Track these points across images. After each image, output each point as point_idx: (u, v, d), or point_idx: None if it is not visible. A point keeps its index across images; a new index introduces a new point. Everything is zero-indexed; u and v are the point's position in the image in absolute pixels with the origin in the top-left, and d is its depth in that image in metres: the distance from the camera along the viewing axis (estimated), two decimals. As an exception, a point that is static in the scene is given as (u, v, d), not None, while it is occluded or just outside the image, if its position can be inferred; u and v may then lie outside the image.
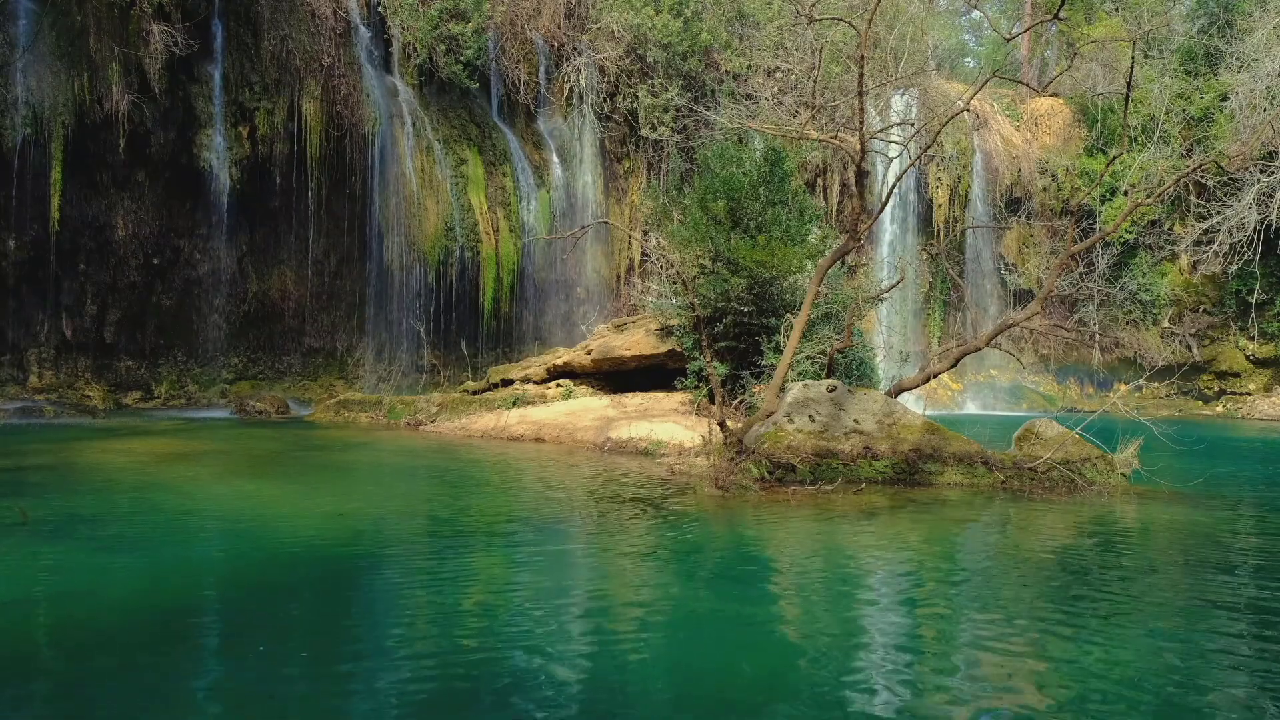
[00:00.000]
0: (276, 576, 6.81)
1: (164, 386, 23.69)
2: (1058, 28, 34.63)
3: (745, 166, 18.13)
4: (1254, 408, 28.28)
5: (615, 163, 28.37)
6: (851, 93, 15.86)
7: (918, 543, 8.33)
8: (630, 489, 11.03)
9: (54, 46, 20.65)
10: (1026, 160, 30.56)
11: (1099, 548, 8.31)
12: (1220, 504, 10.68)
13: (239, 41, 22.78)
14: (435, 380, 25.28)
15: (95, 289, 22.66)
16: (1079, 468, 11.37)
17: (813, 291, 12.13)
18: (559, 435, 16.60)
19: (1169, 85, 27.87)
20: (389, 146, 24.41)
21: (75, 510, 8.93)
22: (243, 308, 24.46)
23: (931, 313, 31.11)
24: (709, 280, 17.28)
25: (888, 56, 26.75)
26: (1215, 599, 6.47)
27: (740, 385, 16.60)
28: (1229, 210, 25.98)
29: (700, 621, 5.84)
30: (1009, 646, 5.33)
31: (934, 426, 12.17)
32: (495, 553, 7.84)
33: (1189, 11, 31.14)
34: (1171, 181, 14.60)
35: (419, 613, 5.89)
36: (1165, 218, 29.38)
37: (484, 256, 25.40)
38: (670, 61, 26.99)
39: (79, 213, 21.84)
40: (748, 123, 19.17)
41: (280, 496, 10.43)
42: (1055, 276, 13.16)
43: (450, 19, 25.14)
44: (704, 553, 8.01)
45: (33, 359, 22.17)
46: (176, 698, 4.48)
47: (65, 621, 5.63)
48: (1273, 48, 26.42)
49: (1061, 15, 24.44)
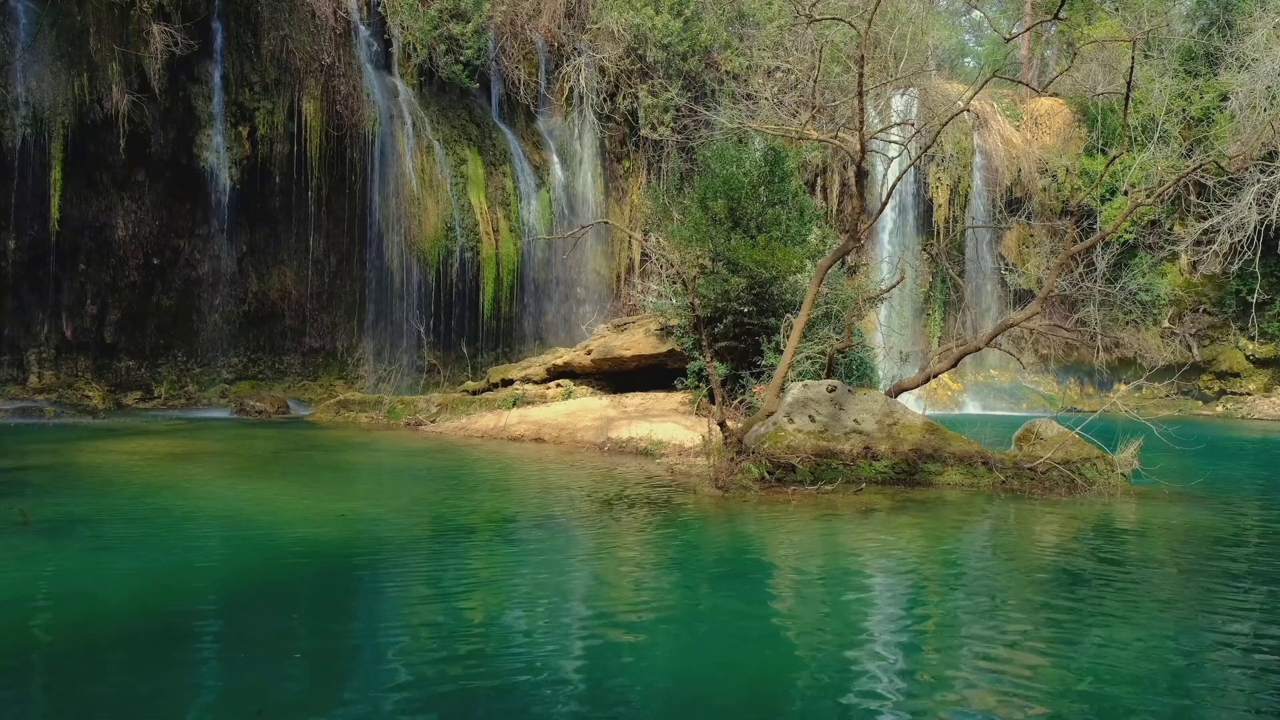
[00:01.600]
0: (276, 577, 6.81)
1: (164, 386, 23.68)
2: (1058, 28, 34.62)
3: (745, 166, 18.12)
4: (1254, 408, 28.27)
5: (615, 163, 28.36)
6: (851, 93, 15.86)
7: (918, 543, 8.33)
8: (630, 489, 11.03)
9: (54, 46, 20.64)
10: (1026, 160, 30.54)
11: (1099, 548, 8.30)
12: (1220, 504, 10.68)
13: (239, 41, 22.77)
14: (435, 380, 25.27)
15: (95, 289, 22.65)
16: (1079, 468, 11.37)
17: (813, 291, 12.14)
18: (559, 435, 16.60)
19: (1169, 85, 27.86)
20: (389, 146, 24.41)
21: (75, 511, 8.93)
22: (243, 308, 24.46)
23: (931, 313, 31.11)
24: (709, 280, 17.28)
25: (888, 56, 26.77)
26: (1215, 599, 6.47)
27: (740, 385, 16.60)
28: (1229, 210, 25.99)
29: (700, 621, 5.84)
30: (1009, 646, 5.33)
31: (934, 426, 12.17)
32: (495, 553, 7.84)
33: (1189, 11, 31.14)
34: (1171, 181, 14.61)
35: (419, 613, 5.89)
36: (1165, 218, 29.37)
37: (484, 256, 25.39)
38: (670, 61, 26.99)
39: (79, 213, 21.82)
40: (748, 123, 19.18)
41: (280, 497, 10.42)
42: (1055, 276, 13.16)
43: (450, 19, 25.13)
44: (704, 553, 8.01)
45: (33, 359, 22.16)
46: (176, 698, 4.48)
47: (65, 622, 5.63)
48: (1273, 48, 26.42)
49: (1061, 15, 24.40)
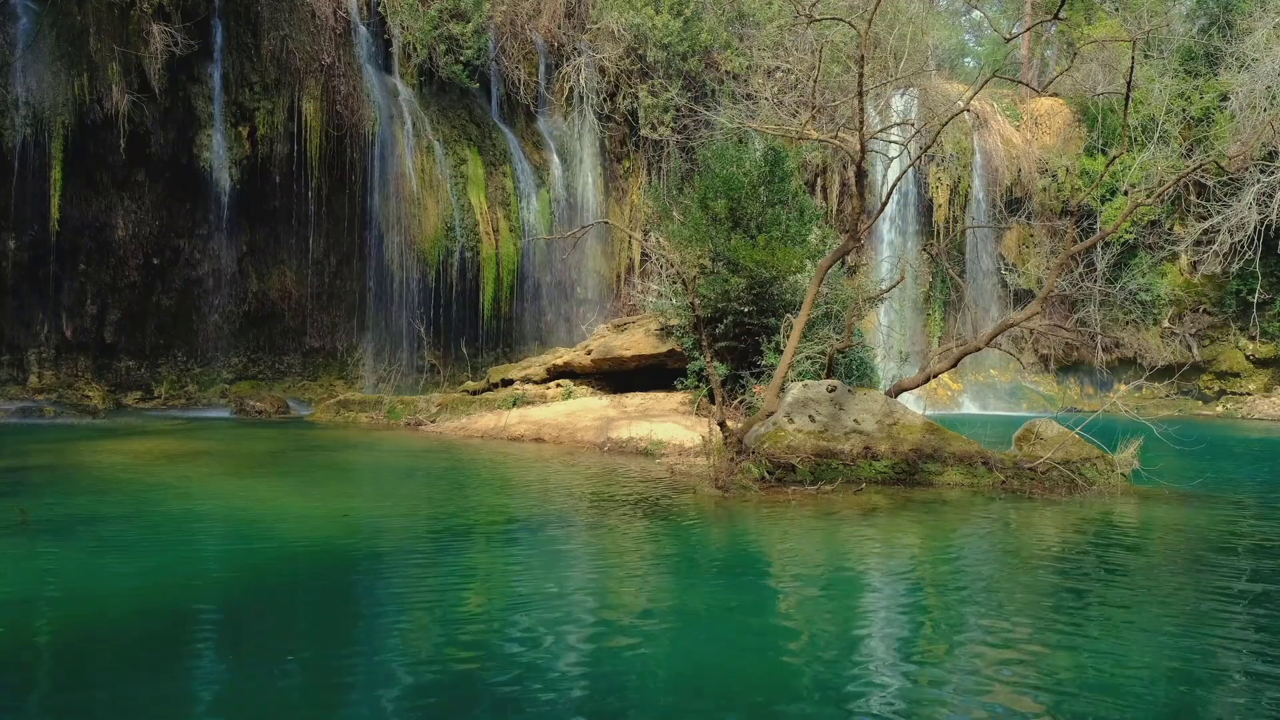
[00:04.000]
0: (276, 577, 6.81)
1: (164, 386, 23.68)
2: (1058, 28, 34.62)
3: (745, 166, 18.12)
4: (1254, 408, 28.27)
5: (615, 163, 28.36)
6: (851, 93, 15.86)
7: (918, 543, 8.33)
8: (630, 489, 11.03)
9: (54, 46, 20.64)
10: (1026, 160, 30.54)
11: (1099, 548, 8.30)
12: (1220, 504, 10.67)
13: (239, 41, 22.77)
14: (435, 380, 25.27)
15: (95, 289, 22.66)
16: (1079, 468, 11.37)
17: (813, 291, 12.14)
18: (559, 435, 16.60)
19: (1169, 85, 27.86)
20: (389, 146, 24.40)
21: (75, 510, 8.93)
22: (243, 308, 24.46)
23: (931, 313, 31.11)
24: (709, 280, 17.28)
25: (888, 56, 26.76)
26: (1215, 599, 6.47)
27: (740, 385, 16.60)
28: (1229, 210, 25.98)
29: (700, 621, 5.84)
30: (1009, 646, 5.33)
31: (934, 426, 12.17)
32: (495, 552, 7.84)
33: (1189, 11, 31.13)
34: (1171, 181, 14.61)
35: (419, 613, 5.89)
36: (1165, 218, 29.37)
37: (484, 256, 25.39)
38: (670, 61, 26.99)
39: (79, 213, 21.82)
40: (748, 123, 19.18)
41: (280, 497, 10.42)
42: (1055, 276, 13.16)
43: (450, 19, 25.13)
44: (704, 553, 8.01)
45: (33, 359, 22.17)
46: (176, 698, 4.48)
47: (65, 622, 5.63)
48: (1273, 48, 26.42)
49: (1061, 15, 24.39)
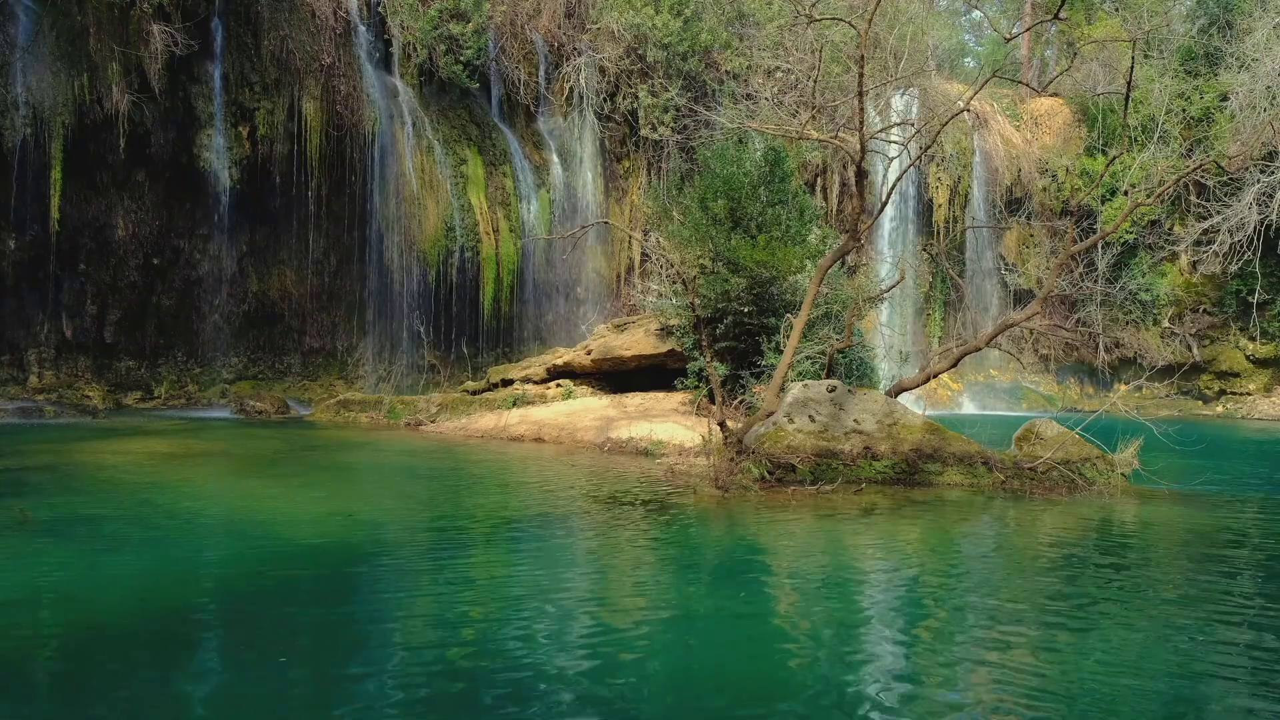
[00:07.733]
0: (276, 577, 6.81)
1: (164, 386, 23.68)
2: (1058, 28, 34.60)
3: (745, 166, 18.13)
4: (1254, 408, 28.27)
5: (615, 163, 28.35)
6: (851, 93, 15.86)
7: (918, 543, 8.33)
8: (630, 489, 11.03)
9: (54, 46, 20.63)
10: (1026, 160, 30.54)
11: (1099, 548, 8.31)
12: (1220, 504, 10.68)
13: (239, 41, 22.77)
14: (435, 380, 25.26)
15: (95, 289, 22.66)
16: (1079, 468, 11.37)
17: (813, 291, 12.13)
18: (559, 435, 16.60)
19: (1169, 85, 27.85)
20: (389, 146, 24.41)
21: (75, 510, 8.93)
22: (243, 308, 24.46)
23: (931, 313, 31.11)
24: (709, 280, 17.28)
25: (888, 56, 26.74)
26: (1215, 599, 6.47)
27: (740, 385, 16.60)
28: (1229, 210, 25.96)
29: (700, 621, 5.84)
30: (1009, 646, 5.33)
31: (934, 426, 12.17)
32: (496, 552, 7.84)
33: (1189, 11, 31.12)
34: (1171, 181, 14.60)
35: (419, 612, 5.89)
36: (1165, 218, 29.36)
37: (484, 256, 25.39)
38: (670, 61, 26.98)
39: (79, 213, 21.82)
40: (748, 123, 19.16)
41: (281, 497, 10.42)
42: (1055, 276, 13.17)
43: (450, 19, 25.13)
44: (704, 553, 8.01)
45: (33, 359, 22.16)
46: (176, 698, 4.48)
47: (65, 622, 5.64)
48: (1273, 48, 26.41)
49: (1061, 15, 24.37)
